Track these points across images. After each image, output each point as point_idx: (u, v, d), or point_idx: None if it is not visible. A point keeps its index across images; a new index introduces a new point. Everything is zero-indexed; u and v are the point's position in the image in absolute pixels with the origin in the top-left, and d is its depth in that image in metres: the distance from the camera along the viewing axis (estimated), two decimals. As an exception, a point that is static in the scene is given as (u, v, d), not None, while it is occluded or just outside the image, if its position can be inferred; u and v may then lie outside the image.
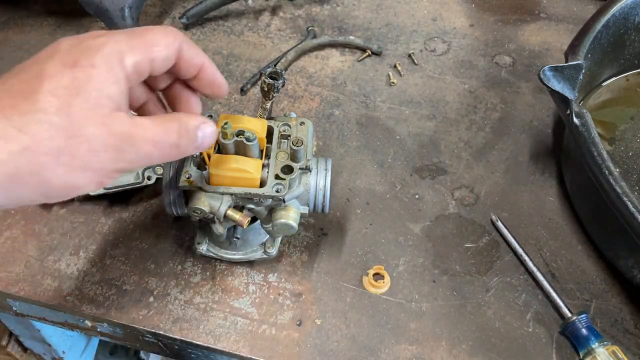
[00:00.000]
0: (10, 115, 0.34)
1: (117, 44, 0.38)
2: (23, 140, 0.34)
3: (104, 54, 0.37)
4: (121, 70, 0.37)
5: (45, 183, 0.35)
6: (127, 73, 0.38)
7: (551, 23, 0.84)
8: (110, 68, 0.37)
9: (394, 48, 0.79)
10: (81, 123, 0.35)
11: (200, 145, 0.41)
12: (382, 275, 0.57)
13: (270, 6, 0.84)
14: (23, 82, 0.36)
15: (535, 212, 0.63)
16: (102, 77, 0.36)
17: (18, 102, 0.34)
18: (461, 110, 0.73)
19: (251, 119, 0.52)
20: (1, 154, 0.33)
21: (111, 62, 0.37)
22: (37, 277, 0.57)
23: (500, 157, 0.68)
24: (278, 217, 0.49)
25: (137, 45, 0.38)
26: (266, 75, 0.53)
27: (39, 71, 0.37)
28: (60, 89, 0.35)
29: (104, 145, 0.36)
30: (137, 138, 0.37)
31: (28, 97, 0.35)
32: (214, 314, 0.55)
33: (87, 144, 0.35)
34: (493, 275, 0.58)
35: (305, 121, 0.53)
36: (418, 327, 0.55)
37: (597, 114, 0.69)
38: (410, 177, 0.66)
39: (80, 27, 0.80)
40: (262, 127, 0.51)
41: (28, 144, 0.34)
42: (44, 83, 0.35)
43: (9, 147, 0.33)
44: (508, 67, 0.78)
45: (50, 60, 0.37)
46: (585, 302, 0.57)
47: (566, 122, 0.56)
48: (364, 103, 0.73)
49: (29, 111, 0.34)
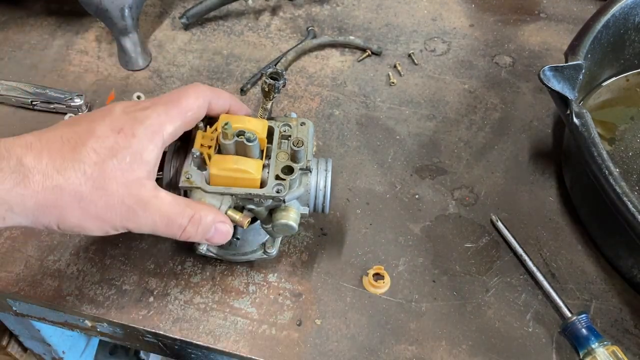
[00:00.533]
0: (55, 158, 0.41)
1: (158, 117, 0.45)
2: (57, 180, 0.40)
3: (146, 126, 0.44)
4: (159, 139, 0.45)
5: (62, 218, 0.42)
6: (164, 140, 0.45)
7: (551, 23, 0.84)
8: (150, 139, 0.44)
9: (394, 48, 0.79)
10: (109, 180, 0.42)
11: (210, 239, 0.47)
12: (382, 275, 0.57)
13: (270, 6, 0.84)
14: (75, 133, 0.43)
15: (535, 212, 0.63)
16: (139, 146, 0.43)
17: (66, 149, 0.41)
18: (461, 110, 0.73)
19: (252, 119, 0.52)
20: (38, 186, 0.40)
21: (151, 133, 0.44)
22: (37, 277, 0.57)
23: (500, 157, 0.68)
24: (278, 217, 0.49)
25: (175, 114, 0.46)
26: (267, 75, 0.53)
27: (90, 129, 0.43)
28: (102, 149, 0.42)
29: (120, 203, 0.42)
30: (151, 207, 0.44)
31: (74, 148, 0.42)
32: (214, 314, 0.55)
33: (107, 198, 0.42)
34: (493, 275, 0.58)
35: (306, 121, 0.53)
36: (418, 327, 0.55)
37: (597, 114, 0.69)
38: (410, 177, 0.66)
39: (80, 27, 0.80)
40: (263, 128, 0.51)
41: (60, 184, 0.41)
42: (90, 140, 0.42)
43: (45, 182, 0.40)
44: (508, 67, 0.78)
45: (101, 122, 0.44)
46: (585, 302, 0.57)
47: (566, 122, 0.56)
48: (364, 103, 0.73)
49: (71, 159, 0.41)
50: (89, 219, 0.42)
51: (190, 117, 0.47)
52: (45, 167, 0.40)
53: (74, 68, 0.75)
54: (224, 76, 0.75)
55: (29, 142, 0.41)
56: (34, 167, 0.40)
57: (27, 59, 0.76)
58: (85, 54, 0.76)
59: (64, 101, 0.68)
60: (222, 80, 0.74)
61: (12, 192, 0.39)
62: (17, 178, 0.39)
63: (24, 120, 0.69)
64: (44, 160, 0.40)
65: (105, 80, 0.74)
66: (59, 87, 0.71)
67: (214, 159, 0.48)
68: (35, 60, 0.75)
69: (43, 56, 0.76)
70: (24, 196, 0.40)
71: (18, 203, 0.40)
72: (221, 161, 0.48)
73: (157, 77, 0.74)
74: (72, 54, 0.76)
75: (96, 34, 0.79)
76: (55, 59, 0.76)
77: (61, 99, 0.68)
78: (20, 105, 0.69)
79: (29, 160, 0.40)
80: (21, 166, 0.40)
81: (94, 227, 0.43)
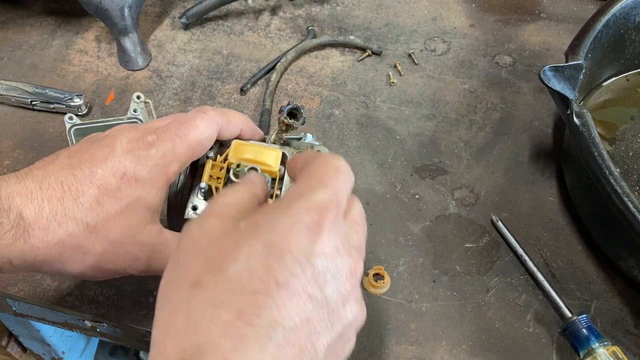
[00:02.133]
0: (57, 209, 0.38)
1: (163, 157, 0.41)
2: (59, 235, 0.38)
3: (150, 169, 0.41)
4: (164, 181, 0.42)
5: (65, 270, 0.41)
6: (168, 180, 0.42)
7: (551, 23, 0.83)
8: (154, 184, 0.41)
9: (394, 48, 0.79)
10: (112, 230, 0.40)
11: None
12: (382, 275, 0.57)
13: (270, 6, 0.84)
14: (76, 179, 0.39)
15: (535, 212, 0.63)
16: (143, 192, 0.41)
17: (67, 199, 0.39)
18: (461, 110, 0.73)
19: (266, 150, 0.48)
20: (38, 242, 0.38)
21: (155, 176, 0.41)
22: (37, 277, 0.56)
23: (501, 157, 0.68)
24: None
25: (182, 152, 0.42)
26: (285, 114, 0.47)
27: (92, 174, 0.40)
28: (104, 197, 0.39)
29: (125, 252, 0.41)
30: (157, 252, 0.42)
31: (76, 199, 0.39)
32: (213, 314, 0.55)
33: (110, 249, 0.40)
34: (493, 275, 0.58)
35: (321, 148, 0.50)
36: (418, 327, 0.55)
37: (597, 114, 0.69)
38: (411, 177, 0.66)
39: (80, 27, 0.80)
40: (277, 159, 0.48)
41: (62, 239, 0.39)
42: (91, 187, 0.39)
43: (47, 238, 0.38)
44: (508, 67, 0.78)
45: (104, 165, 0.40)
46: (585, 302, 0.57)
47: (566, 122, 0.56)
48: (364, 103, 0.73)
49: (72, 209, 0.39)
50: (93, 270, 0.41)
51: (198, 151, 0.44)
52: (46, 221, 0.38)
53: (74, 68, 0.75)
54: (223, 76, 0.75)
55: (29, 191, 0.38)
56: (34, 221, 0.38)
57: (27, 58, 0.76)
58: (85, 54, 0.76)
59: (64, 101, 0.68)
60: (221, 80, 0.74)
61: (11, 248, 0.37)
62: (17, 233, 0.37)
63: (23, 120, 0.69)
64: (45, 212, 0.38)
65: (105, 80, 0.74)
66: (59, 87, 0.71)
67: None
68: (34, 60, 0.75)
69: (43, 56, 0.76)
70: (24, 251, 0.38)
71: (17, 257, 0.38)
72: None
73: (157, 77, 0.74)
74: (71, 54, 0.76)
75: (96, 33, 0.79)
76: (55, 58, 0.76)
77: (61, 99, 0.68)
78: (20, 105, 0.69)
79: (29, 213, 0.38)
80: (21, 220, 0.38)
81: (99, 275, 0.42)
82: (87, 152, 0.41)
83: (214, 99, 0.72)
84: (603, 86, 0.72)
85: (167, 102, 0.72)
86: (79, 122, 0.60)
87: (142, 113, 0.63)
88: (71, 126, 0.60)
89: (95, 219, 0.39)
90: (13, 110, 0.70)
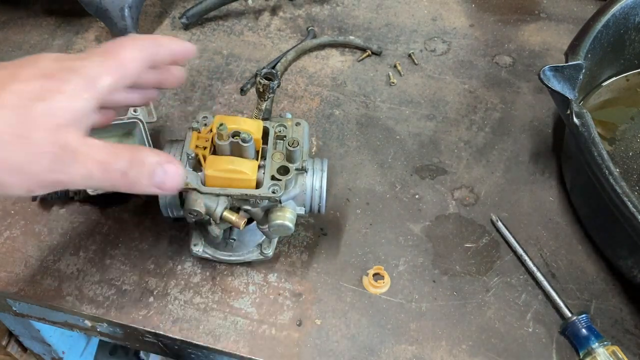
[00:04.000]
0: None
1: (95, 67, 0.40)
2: None
3: (81, 75, 0.39)
4: (94, 91, 0.40)
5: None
6: (99, 93, 0.40)
7: (551, 23, 0.83)
8: (84, 89, 0.39)
9: (394, 48, 0.79)
10: (33, 126, 0.37)
11: (160, 185, 0.41)
12: (382, 275, 0.57)
13: (270, 6, 0.84)
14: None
15: (535, 212, 0.63)
16: (71, 93, 0.38)
17: None
18: (461, 110, 0.73)
19: (247, 120, 0.52)
20: None
21: (85, 83, 0.39)
22: (37, 277, 0.56)
23: (501, 157, 0.68)
24: (274, 218, 0.49)
25: (113, 67, 0.41)
26: (261, 76, 0.52)
27: (14, 72, 0.39)
28: (26, 92, 0.37)
29: (46, 152, 0.37)
30: (81, 154, 0.39)
31: None
32: (214, 314, 0.55)
33: (30, 147, 0.37)
34: (493, 275, 0.58)
35: (301, 122, 0.53)
36: (418, 327, 0.55)
37: (597, 114, 0.69)
38: (410, 177, 0.66)
39: (80, 27, 0.80)
40: (258, 128, 0.51)
41: None
42: (13, 83, 0.38)
43: None
44: (508, 67, 0.78)
45: (28, 66, 0.39)
46: (585, 302, 0.57)
47: (566, 122, 0.56)
48: (364, 103, 0.73)
49: None
50: (11, 173, 0.37)
51: (130, 71, 0.42)
52: None
53: None
54: (223, 76, 0.75)
55: None
56: None
57: None
58: None
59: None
60: (222, 80, 0.74)
61: None
62: None
63: None
64: None
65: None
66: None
67: (209, 160, 0.48)
68: None
69: None
70: None
71: None
72: (216, 162, 0.48)
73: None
74: (72, 54, 0.76)
75: (96, 33, 0.79)
76: None
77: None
78: None
79: None
80: None
81: (16, 182, 0.38)
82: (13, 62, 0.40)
83: (214, 98, 0.72)
84: (603, 86, 0.72)
85: (167, 102, 0.72)
86: None
87: (142, 113, 0.63)
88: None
89: (15, 113, 0.37)
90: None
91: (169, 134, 0.69)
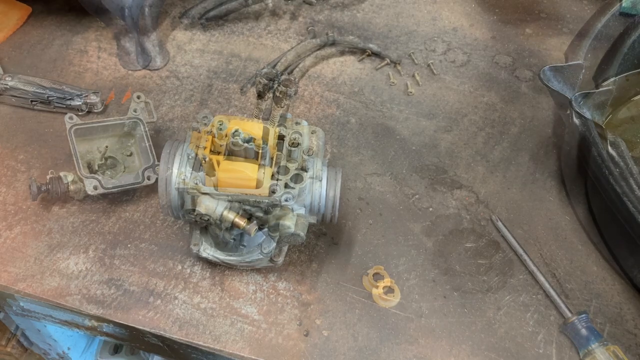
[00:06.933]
0: None
1: None
2: None
3: None
4: None
5: None
6: None
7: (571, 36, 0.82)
8: None
9: (414, 57, 0.78)
10: None
11: None
12: (393, 288, 0.57)
13: (291, 11, 0.83)
14: None
15: (536, 212, 0.63)
16: None
17: None
18: (478, 123, 0.72)
19: (246, 122, 0.51)
20: None
21: None
22: (40, 277, 0.56)
23: (501, 158, 0.67)
24: (286, 226, 0.49)
25: None
26: (261, 75, 0.52)
27: None
28: None
29: None
30: None
31: None
32: (220, 319, 0.54)
33: None
34: (493, 275, 0.58)
35: (317, 130, 0.53)
36: (418, 327, 0.54)
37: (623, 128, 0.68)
38: (425, 190, 0.65)
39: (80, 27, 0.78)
40: (258, 130, 0.51)
41: None
42: None
43: None
44: (528, 81, 0.77)
45: None
46: (585, 302, 0.56)
47: (566, 122, 0.56)
48: (381, 112, 0.72)
49: None
50: None
51: None
52: None
53: (74, 67, 0.74)
54: (240, 79, 0.74)
55: None
56: None
57: (27, 58, 0.75)
58: (84, 54, 0.76)
59: (81, 97, 0.68)
60: (238, 83, 0.74)
61: None
62: None
63: (23, 120, 0.68)
64: None
65: (105, 79, 0.73)
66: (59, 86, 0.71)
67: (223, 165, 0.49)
68: (35, 60, 0.75)
69: (43, 56, 0.75)
70: None
71: None
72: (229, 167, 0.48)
73: (157, 77, 0.74)
74: (72, 54, 0.76)
75: (96, 33, 0.78)
76: (55, 58, 0.75)
77: (78, 95, 0.68)
78: (20, 105, 0.69)
79: None
80: None
81: None
82: None
83: (230, 102, 0.72)
84: (632, 101, 0.71)
85: (167, 102, 0.71)
86: (79, 122, 0.61)
87: (142, 113, 0.63)
88: (71, 126, 0.60)
89: None
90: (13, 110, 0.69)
91: (169, 134, 0.68)
